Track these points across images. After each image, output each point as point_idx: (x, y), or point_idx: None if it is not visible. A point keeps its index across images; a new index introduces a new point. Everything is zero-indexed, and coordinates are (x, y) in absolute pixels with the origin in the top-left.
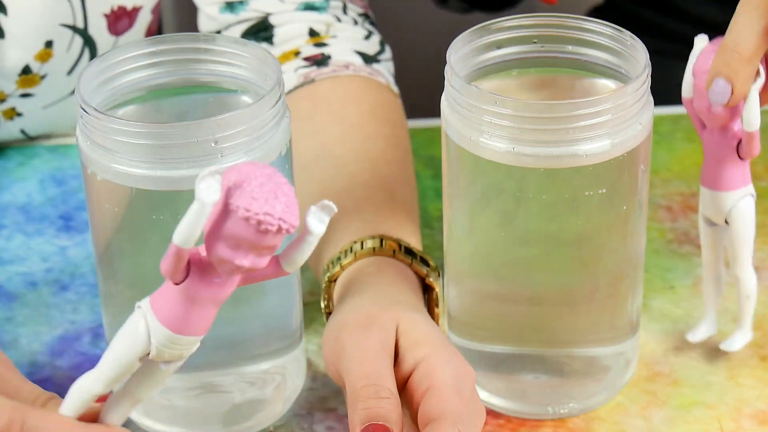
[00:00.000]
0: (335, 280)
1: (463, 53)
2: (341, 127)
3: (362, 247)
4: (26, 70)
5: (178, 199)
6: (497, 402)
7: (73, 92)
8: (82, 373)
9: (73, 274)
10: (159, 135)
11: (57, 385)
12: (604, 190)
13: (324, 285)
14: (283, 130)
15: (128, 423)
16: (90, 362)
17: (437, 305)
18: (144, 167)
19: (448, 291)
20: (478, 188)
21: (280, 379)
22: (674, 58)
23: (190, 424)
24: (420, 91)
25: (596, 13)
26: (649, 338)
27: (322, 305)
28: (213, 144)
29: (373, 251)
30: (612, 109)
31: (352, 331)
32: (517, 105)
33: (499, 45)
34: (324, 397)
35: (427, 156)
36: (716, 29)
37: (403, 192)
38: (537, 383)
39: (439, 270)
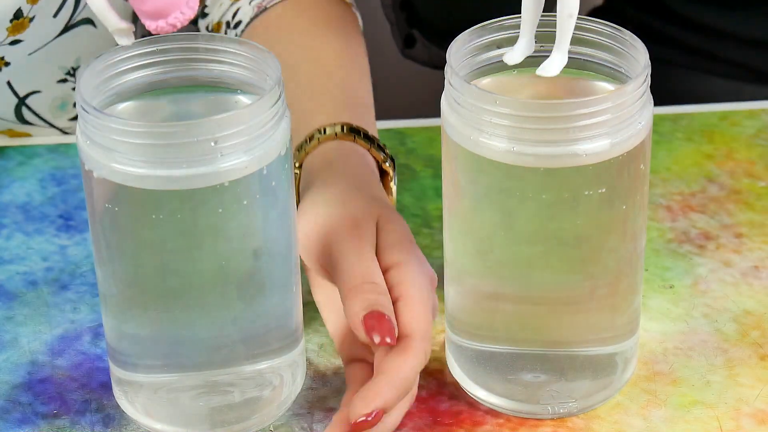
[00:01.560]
0: (301, 166)
1: (463, 53)
2: (296, 43)
3: (324, 133)
4: (18, 14)
5: (178, 199)
6: (497, 402)
7: (56, 36)
8: (82, 373)
9: (73, 274)
10: (158, 134)
11: (57, 384)
12: (603, 190)
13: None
14: (282, 129)
15: (128, 422)
16: (90, 362)
17: (391, 193)
18: (143, 167)
19: (447, 291)
20: (477, 188)
21: (279, 379)
22: (671, 64)
23: (189, 423)
24: (420, 91)
25: (595, 14)
26: (649, 338)
27: None
28: (212, 144)
29: (335, 136)
30: (612, 109)
31: (344, 232)
32: (516, 104)
33: (499, 44)
34: (324, 397)
35: (427, 156)
36: (715, 35)
37: (360, 89)
38: (537, 383)
39: (395, 160)
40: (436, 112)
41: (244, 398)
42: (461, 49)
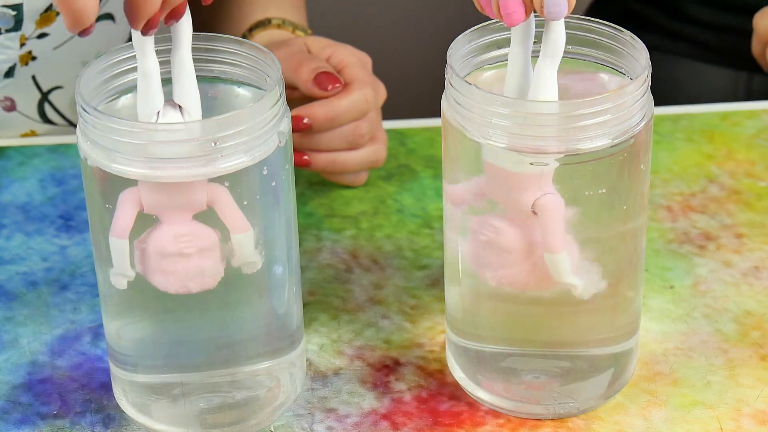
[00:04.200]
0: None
1: (463, 53)
2: None
3: (270, 23)
4: (48, 8)
5: None
6: (497, 402)
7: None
8: (82, 373)
9: (73, 274)
10: (158, 135)
11: (57, 385)
12: (604, 190)
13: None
14: (283, 130)
15: (128, 423)
16: (90, 362)
17: None
18: (144, 167)
19: (448, 291)
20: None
21: (280, 379)
22: (673, 55)
23: (189, 424)
24: (420, 91)
25: (596, 6)
26: (649, 338)
27: None
28: (213, 144)
29: (278, 26)
30: (612, 109)
31: (275, 48)
32: (516, 104)
33: (499, 45)
34: (324, 397)
35: (427, 156)
36: (713, 27)
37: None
38: (537, 383)
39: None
40: (436, 112)
41: (244, 399)
42: (461, 50)
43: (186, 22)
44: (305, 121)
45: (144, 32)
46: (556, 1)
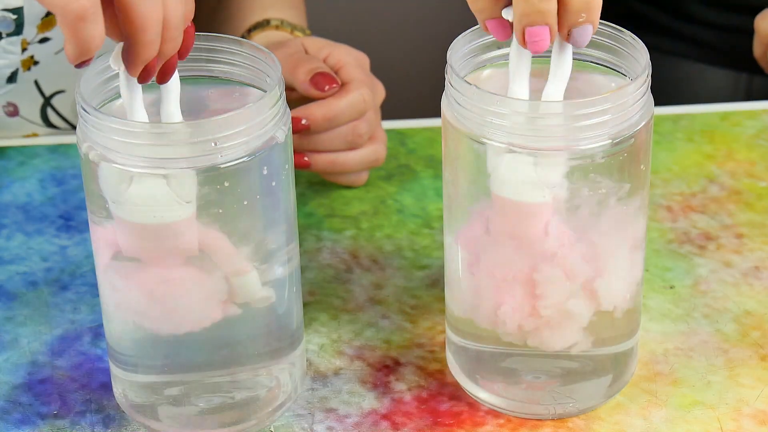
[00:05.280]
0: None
1: (463, 53)
2: None
3: (269, 23)
4: (49, 11)
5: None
6: (497, 402)
7: None
8: (82, 373)
9: (73, 274)
10: (158, 135)
11: (57, 385)
12: (604, 190)
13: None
14: (283, 130)
15: (128, 422)
16: (90, 362)
17: None
18: (144, 167)
19: (448, 291)
20: (478, 188)
21: (280, 379)
22: (673, 55)
23: (189, 423)
24: (420, 91)
25: None
26: (649, 338)
27: None
28: (213, 144)
29: (277, 27)
30: (612, 109)
31: (273, 49)
32: (517, 105)
33: (499, 45)
34: (324, 397)
35: (427, 156)
36: (714, 28)
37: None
38: (537, 383)
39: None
40: (436, 112)
41: (244, 399)
42: (461, 50)
43: (174, 76)
44: (303, 122)
45: (140, 79)
46: (585, 31)
